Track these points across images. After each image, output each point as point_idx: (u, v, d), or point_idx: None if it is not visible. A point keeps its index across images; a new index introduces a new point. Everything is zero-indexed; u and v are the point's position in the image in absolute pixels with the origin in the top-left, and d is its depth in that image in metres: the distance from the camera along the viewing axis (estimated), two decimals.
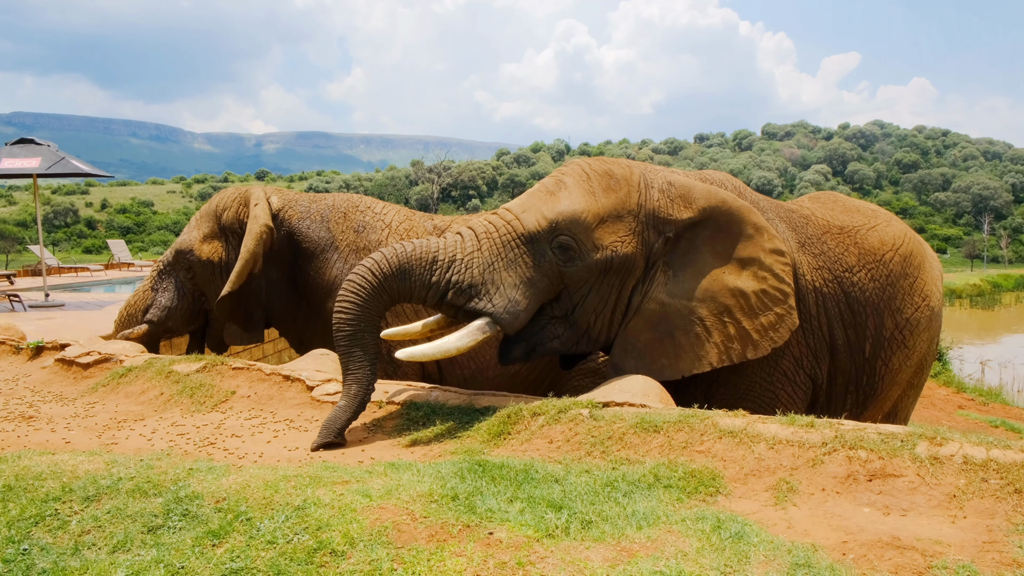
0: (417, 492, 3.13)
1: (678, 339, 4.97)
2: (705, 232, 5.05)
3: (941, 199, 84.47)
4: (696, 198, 5.05)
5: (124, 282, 19.57)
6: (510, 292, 4.71)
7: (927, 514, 3.07)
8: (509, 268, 4.75)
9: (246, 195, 6.68)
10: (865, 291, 5.51)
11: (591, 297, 4.92)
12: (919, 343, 5.71)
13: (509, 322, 4.69)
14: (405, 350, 4.65)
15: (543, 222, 4.81)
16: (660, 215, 4.98)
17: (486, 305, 4.67)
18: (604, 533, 2.84)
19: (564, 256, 4.80)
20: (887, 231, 5.77)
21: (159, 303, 6.80)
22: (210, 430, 4.70)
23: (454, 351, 4.65)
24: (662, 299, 4.98)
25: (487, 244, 4.79)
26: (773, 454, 3.56)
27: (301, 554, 2.68)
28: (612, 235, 4.86)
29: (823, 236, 5.60)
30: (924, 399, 13.37)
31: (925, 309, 5.68)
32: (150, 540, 2.91)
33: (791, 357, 5.33)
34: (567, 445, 3.95)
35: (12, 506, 3.25)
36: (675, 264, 5.03)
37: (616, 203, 4.91)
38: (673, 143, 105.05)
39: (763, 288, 4.99)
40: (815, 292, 5.39)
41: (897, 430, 3.55)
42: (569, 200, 4.88)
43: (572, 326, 4.96)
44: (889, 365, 5.63)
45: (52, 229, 64.60)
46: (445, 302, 4.72)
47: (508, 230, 4.83)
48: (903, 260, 5.67)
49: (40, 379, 6.14)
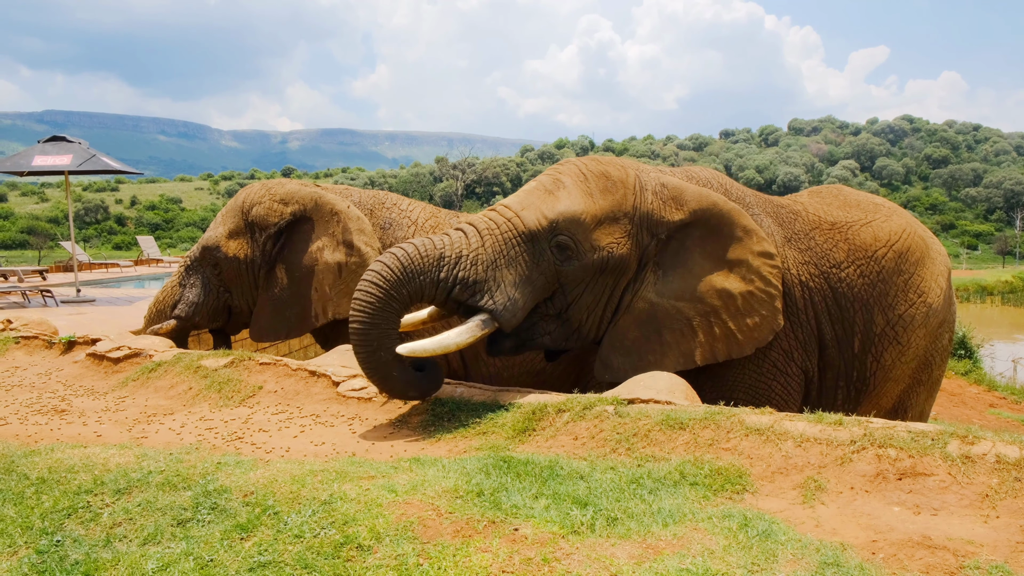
0: (442, 488, 3.14)
1: (665, 337, 5.11)
2: (696, 234, 5.18)
3: (972, 195, 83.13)
4: (687, 200, 5.16)
5: (153, 278, 19.81)
6: (510, 290, 4.80)
7: (959, 513, 3.03)
8: (510, 266, 4.84)
9: (292, 195, 6.69)
10: (853, 287, 5.52)
11: (586, 296, 5.04)
12: (914, 339, 5.64)
13: (508, 319, 4.79)
14: (405, 345, 4.65)
15: (543, 221, 4.91)
16: (654, 217, 5.11)
17: (488, 302, 4.75)
18: (630, 530, 2.83)
19: (562, 256, 4.92)
20: (883, 226, 5.71)
21: (187, 299, 6.87)
22: (238, 425, 4.75)
23: (454, 347, 4.70)
24: (651, 298, 5.12)
25: (490, 241, 4.86)
26: (801, 452, 3.53)
27: (328, 548, 2.70)
28: (608, 236, 4.98)
29: (811, 232, 5.64)
30: (954, 397, 13.18)
31: (921, 306, 5.61)
32: (180, 533, 2.94)
33: (780, 350, 5.38)
34: (592, 442, 3.94)
35: (45, 498, 3.31)
36: (665, 264, 5.16)
37: (613, 205, 5.04)
38: (698, 139, 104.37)
39: (750, 290, 5.11)
40: (801, 286, 5.45)
41: (928, 428, 3.50)
42: (568, 200, 4.98)
43: (564, 323, 5.08)
44: (881, 361, 5.61)
45: (83, 226, 65.59)
46: (451, 298, 4.78)
47: (509, 228, 4.91)
48: (897, 256, 5.62)
49: (72, 373, 6.23)
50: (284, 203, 6.66)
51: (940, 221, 77.65)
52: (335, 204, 6.56)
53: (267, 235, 6.62)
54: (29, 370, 6.43)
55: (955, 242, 72.78)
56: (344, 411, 4.95)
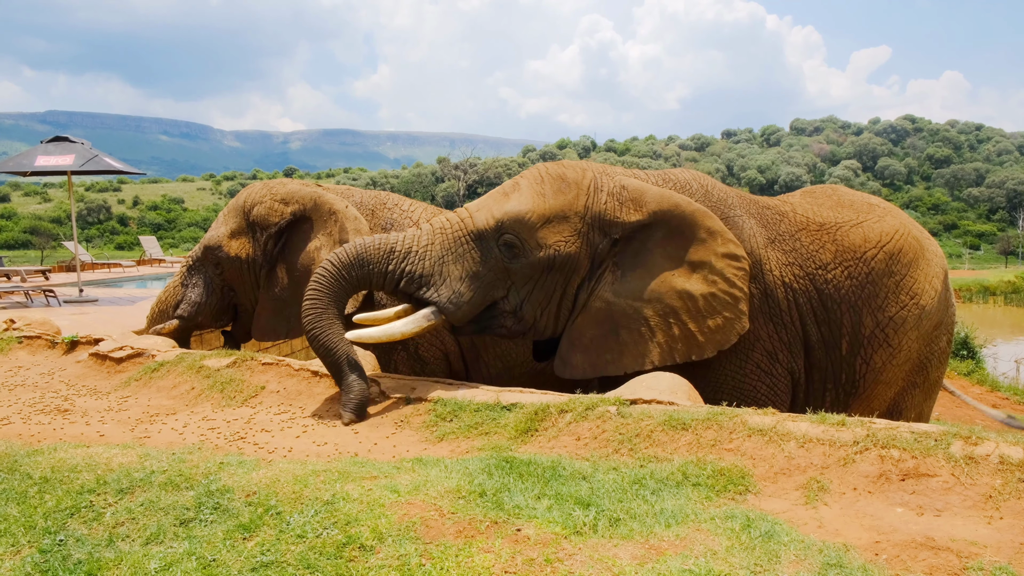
0: (445, 488, 3.14)
1: (622, 337, 5.17)
2: (657, 235, 5.23)
3: (975, 194, 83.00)
4: (647, 201, 5.22)
5: (155, 278, 19.83)
6: (456, 284, 5.09)
7: (962, 515, 3.02)
8: (457, 262, 5.12)
9: (292, 194, 6.69)
10: (841, 288, 5.50)
11: (536, 293, 5.20)
12: (906, 342, 5.61)
13: (452, 312, 5.07)
14: (354, 332, 5.04)
15: (491, 221, 5.14)
16: (606, 217, 5.19)
17: (432, 295, 5.08)
18: (632, 531, 2.83)
19: (509, 253, 5.12)
20: (874, 227, 5.66)
21: (189, 299, 6.87)
22: (240, 424, 4.75)
23: (399, 335, 5.04)
24: (608, 298, 5.20)
25: (440, 239, 5.16)
26: (803, 452, 3.52)
27: (330, 548, 2.70)
28: (556, 235, 5.12)
29: (797, 233, 5.63)
30: (957, 397, 13.16)
31: (913, 308, 5.58)
32: (182, 533, 2.94)
33: (762, 351, 5.39)
34: (595, 442, 3.94)
35: (48, 497, 3.31)
36: (625, 264, 5.24)
37: (563, 205, 5.16)
38: (700, 139, 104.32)
39: (712, 292, 5.13)
40: (784, 287, 5.45)
41: (931, 429, 3.50)
42: (518, 201, 5.18)
43: (520, 320, 5.25)
44: (871, 363, 5.58)
45: (85, 226, 65.68)
46: (399, 290, 5.15)
47: (460, 227, 5.19)
48: (888, 258, 5.57)
49: (75, 373, 6.24)
50: (285, 203, 6.67)
51: (942, 221, 77.55)
52: (333, 204, 6.57)
53: (268, 235, 6.63)
54: (32, 370, 6.44)
55: (957, 242, 72.70)
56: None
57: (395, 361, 6.33)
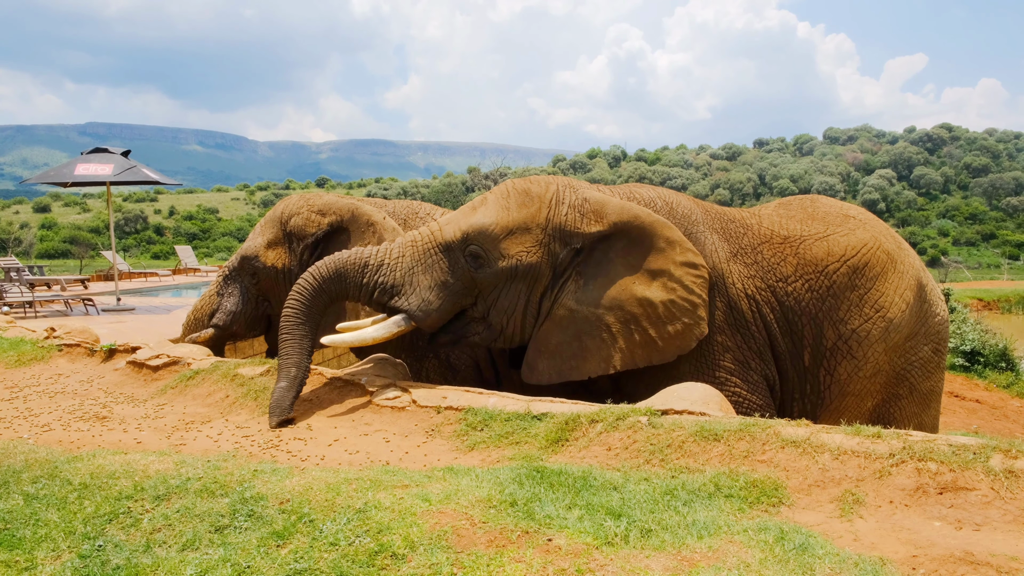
0: (476, 497, 3.15)
1: (585, 343, 5.40)
2: (618, 245, 5.45)
3: (1014, 204, 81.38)
4: (608, 213, 5.44)
5: (191, 287, 20.10)
6: (425, 293, 5.38)
7: (1002, 529, 2.96)
8: (426, 272, 5.42)
9: (329, 205, 6.77)
10: (801, 301, 5.58)
11: (501, 300, 5.46)
12: (871, 354, 5.60)
13: (422, 319, 5.37)
14: (328, 337, 5.37)
15: (458, 233, 5.43)
16: (567, 229, 5.42)
17: (402, 303, 5.38)
18: (664, 542, 2.81)
19: (475, 263, 5.41)
20: (839, 241, 5.69)
21: (224, 308, 6.97)
22: (274, 433, 4.81)
23: (371, 341, 5.36)
24: (571, 305, 5.43)
25: (410, 251, 5.48)
26: (838, 465, 3.48)
27: (363, 556, 2.72)
28: (518, 246, 5.38)
29: (760, 246, 5.73)
30: (996, 410, 12.89)
31: (879, 320, 5.58)
32: (217, 539, 2.98)
33: (732, 360, 5.50)
34: (625, 453, 3.93)
35: (88, 503, 3.38)
36: (587, 273, 5.46)
37: (525, 217, 5.43)
38: (732, 148, 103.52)
39: (671, 299, 5.32)
40: (748, 299, 5.57)
41: (969, 442, 3.44)
42: (483, 214, 5.48)
43: (490, 327, 5.54)
44: (835, 375, 5.63)
45: (123, 235, 66.82)
46: (373, 300, 5.44)
47: (430, 239, 5.49)
48: (852, 271, 5.60)
49: (113, 381, 6.35)
50: (322, 214, 6.76)
51: (980, 231, 76.11)
52: (371, 215, 6.64)
53: (304, 245, 6.71)
54: (72, 377, 6.57)
55: (996, 252, 71.24)
56: (378, 420, 4.98)
57: (426, 369, 6.36)
